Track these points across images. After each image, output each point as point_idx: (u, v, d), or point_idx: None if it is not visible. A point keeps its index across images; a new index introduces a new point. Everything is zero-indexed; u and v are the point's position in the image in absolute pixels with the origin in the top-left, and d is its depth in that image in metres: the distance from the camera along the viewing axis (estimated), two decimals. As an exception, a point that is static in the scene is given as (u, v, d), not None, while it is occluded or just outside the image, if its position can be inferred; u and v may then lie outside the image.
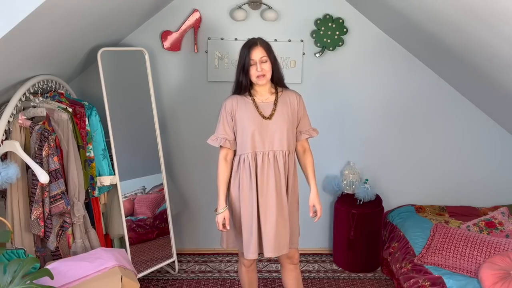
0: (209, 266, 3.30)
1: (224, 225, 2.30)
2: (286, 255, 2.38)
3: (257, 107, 2.25)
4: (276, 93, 2.30)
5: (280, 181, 2.26)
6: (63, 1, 1.83)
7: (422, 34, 2.68)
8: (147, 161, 3.01)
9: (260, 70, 2.18)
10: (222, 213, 2.29)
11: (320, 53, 3.15)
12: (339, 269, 3.27)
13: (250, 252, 2.27)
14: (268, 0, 3.07)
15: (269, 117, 2.24)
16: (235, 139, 2.30)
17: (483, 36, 2.08)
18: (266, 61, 2.20)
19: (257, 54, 2.19)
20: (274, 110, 2.26)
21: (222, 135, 2.28)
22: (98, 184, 2.67)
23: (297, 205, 2.41)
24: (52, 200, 2.29)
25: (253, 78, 2.22)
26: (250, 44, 2.22)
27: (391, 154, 3.37)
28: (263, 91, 2.29)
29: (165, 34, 3.07)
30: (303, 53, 3.15)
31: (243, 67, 2.22)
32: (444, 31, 2.40)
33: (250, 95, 2.29)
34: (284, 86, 2.34)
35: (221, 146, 2.29)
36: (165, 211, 3.07)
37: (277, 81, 2.30)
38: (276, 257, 2.42)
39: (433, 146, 3.36)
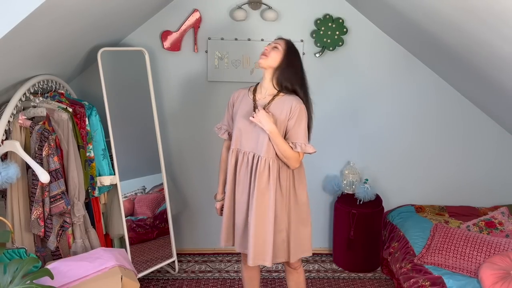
0: (209, 266, 3.30)
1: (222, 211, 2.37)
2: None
3: (255, 105, 2.20)
4: (275, 95, 2.18)
5: (252, 185, 2.16)
6: (63, 0, 1.83)
7: (422, 34, 2.68)
8: (147, 161, 3.01)
9: (265, 49, 2.17)
10: (220, 202, 2.41)
11: (320, 53, 3.15)
12: (339, 269, 3.27)
13: (222, 241, 2.34)
14: (268, 0, 3.07)
15: None
16: None
17: (483, 36, 2.08)
18: (276, 48, 2.17)
19: (275, 40, 2.22)
20: (265, 109, 2.15)
21: (225, 126, 2.34)
22: (98, 184, 2.67)
23: (301, 219, 2.25)
24: (52, 200, 2.29)
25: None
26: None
27: (391, 154, 3.37)
28: (264, 87, 2.20)
29: (165, 34, 3.07)
30: (303, 53, 3.15)
31: None
32: (444, 31, 2.40)
33: (255, 90, 2.25)
34: (290, 92, 2.18)
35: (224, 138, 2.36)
36: (165, 211, 3.07)
37: (283, 82, 2.16)
38: None
39: (433, 146, 3.36)
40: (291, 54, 2.18)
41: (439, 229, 2.81)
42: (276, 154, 2.15)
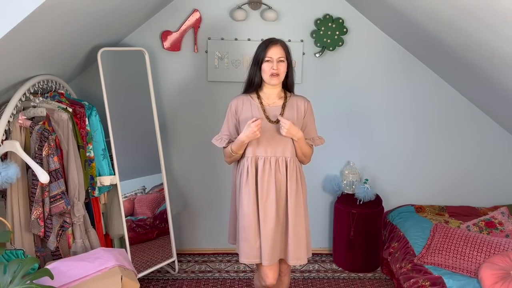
0: (209, 266, 3.30)
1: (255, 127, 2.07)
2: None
3: (264, 111, 2.19)
4: (285, 97, 2.24)
5: (281, 188, 2.19)
6: (64, 0, 1.83)
7: (422, 34, 2.68)
8: (147, 161, 3.01)
9: (275, 68, 2.11)
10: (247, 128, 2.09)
11: (320, 53, 3.15)
12: (339, 269, 3.27)
13: (244, 258, 2.22)
14: (268, 0, 3.07)
15: (277, 121, 2.18)
16: None
17: (483, 36, 2.08)
18: (283, 61, 2.14)
19: (275, 52, 2.12)
20: (281, 114, 2.19)
21: (225, 136, 2.25)
22: (98, 184, 2.67)
23: (304, 219, 2.26)
24: (52, 200, 2.29)
25: (266, 76, 2.14)
26: (270, 41, 2.15)
27: (391, 154, 3.37)
28: (272, 94, 2.22)
29: (165, 34, 3.07)
30: (303, 53, 3.15)
31: (257, 61, 2.15)
32: (444, 31, 2.41)
33: (258, 97, 2.22)
34: (292, 92, 2.29)
35: (224, 146, 2.25)
36: (165, 211, 3.07)
37: (289, 86, 2.25)
38: None
39: (433, 146, 3.36)
40: (290, 58, 2.20)
41: (439, 229, 2.81)
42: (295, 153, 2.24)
